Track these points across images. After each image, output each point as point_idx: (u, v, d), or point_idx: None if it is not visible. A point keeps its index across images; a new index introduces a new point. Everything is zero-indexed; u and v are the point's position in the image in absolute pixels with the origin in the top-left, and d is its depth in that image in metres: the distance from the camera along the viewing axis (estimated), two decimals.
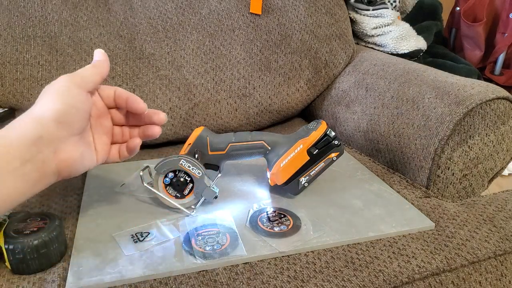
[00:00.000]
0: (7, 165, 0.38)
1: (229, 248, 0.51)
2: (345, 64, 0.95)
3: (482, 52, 1.63)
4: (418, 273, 0.50)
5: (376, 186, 0.67)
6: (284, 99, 0.91)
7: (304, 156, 0.60)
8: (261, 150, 0.62)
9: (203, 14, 0.85)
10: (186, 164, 0.57)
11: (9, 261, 0.46)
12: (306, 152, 0.60)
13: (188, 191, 0.58)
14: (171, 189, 0.58)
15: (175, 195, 0.58)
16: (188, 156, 0.58)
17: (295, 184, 0.61)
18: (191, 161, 0.57)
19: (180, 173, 0.58)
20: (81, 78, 0.47)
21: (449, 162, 0.66)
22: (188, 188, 0.58)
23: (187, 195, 0.58)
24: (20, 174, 0.40)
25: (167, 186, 0.58)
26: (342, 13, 0.96)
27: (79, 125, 0.46)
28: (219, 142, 0.61)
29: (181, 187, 0.58)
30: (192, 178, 0.58)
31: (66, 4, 0.77)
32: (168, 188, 0.58)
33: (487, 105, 0.66)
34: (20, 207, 0.60)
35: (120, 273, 0.47)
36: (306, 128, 0.63)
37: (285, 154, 0.61)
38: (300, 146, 0.60)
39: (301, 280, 0.47)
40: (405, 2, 1.20)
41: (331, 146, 0.61)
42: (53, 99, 0.43)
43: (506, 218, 0.61)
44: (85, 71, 0.49)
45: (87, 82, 0.48)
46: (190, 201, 0.58)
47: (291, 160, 0.60)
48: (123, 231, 0.54)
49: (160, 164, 0.57)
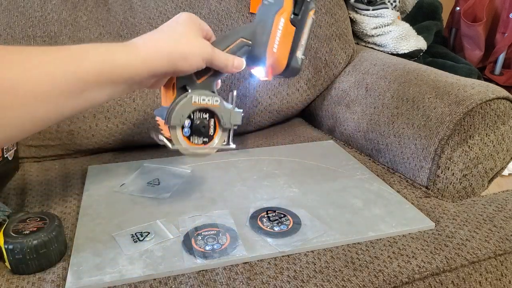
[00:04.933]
0: (129, 82, 0.45)
1: (229, 248, 0.51)
2: (345, 64, 0.95)
3: (482, 52, 1.63)
4: (418, 273, 0.50)
5: (376, 186, 0.66)
6: (284, 99, 0.91)
7: (290, 28, 0.54)
8: (244, 49, 0.54)
9: (203, 14, 0.85)
10: (200, 99, 0.48)
11: (8, 261, 0.46)
12: (290, 23, 0.54)
13: (213, 129, 0.50)
14: (196, 137, 0.50)
15: (202, 142, 0.50)
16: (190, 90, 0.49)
17: (295, 62, 0.56)
18: (201, 92, 0.48)
19: (196, 114, 0.49)
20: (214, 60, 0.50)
21: (449, 162, 0.66)
22: (211, 126, 0.50)
23: (214, 134, 0.50)
24: (132, 87, 0.47)
25: (190, 136, 0.49)
26: (342, 13, 0.96)
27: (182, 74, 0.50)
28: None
29: (206, 128, 0.50)
30: (212, 110, 0.49)
31: (65, 4, 0.77)
32: (193, 138, 0.49)
33: (487, 105, 0.66)
34: (19, 207, 0.60)
35: (120, 273, 0.47)
36: (269, 3, 0.55)
37: (271, 36, 0.54)
38: (281, 20, 0.54)
39: (301, 280, 0.47)
40: (405, 2, 1.20)
41: (306, 5, 0.55)
42: (190, 60, 0.48)
43: (506, 218, 0.61)
44: (220, 58, 0.51)
45: (213, 62, 0.50)
46: (221, 137, 0.51)
47: (281, 39, 0.54)
48: (123, 231, 0.54)
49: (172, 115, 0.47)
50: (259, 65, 0.56)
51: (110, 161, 0.75)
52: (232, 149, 0.52)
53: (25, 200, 0.62)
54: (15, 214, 0.51)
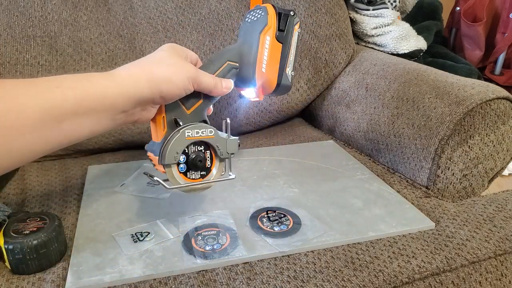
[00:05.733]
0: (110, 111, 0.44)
1: (229, 248, 0.51)
2: (345, 64, 0.95)
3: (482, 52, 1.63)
4: (418, 273, 0.50)
5: (376, 186, 0.66)
6: (284, 99, 0.91)
7: (276, 45, 0.53)
8: (232, 72, 0.53)
9: (203, 14, 0.85)
10: (193, 132, 0.46)
11: (8, 261, 0.46)
12: (276, 40, 0.53)
13: (210, 160, 0.48)
14: (192, 172, 0.48)
15: (200, 176, 0.48)
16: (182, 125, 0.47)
17: (285, 80, 0.55)
18: (194, 126, 0.46)
19: (190, 148, 0.47)
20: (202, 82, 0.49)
21: (449, 162, 0.66)
22: (208, 158, 0.48)
23: (211, 165, 0.48)
24: (115, 119, 0.46)
25: (187, 172, 0.47)
26: (342, 13, 0.96)
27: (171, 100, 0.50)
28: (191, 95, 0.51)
29: (202, 162, 0.47)
30: (207, 142, 0.47)
31: (66, 4, 0.77)
32: (189, 173, 0.47)
33: (487, 105, 0.66)
34: (19, 207, 0.60)
35: (120, 273, 0.47)
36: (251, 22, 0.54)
37: (258, 56, 0.52)
38: (267, 39, 0.52)
39: (301, 280, 0.47)
40: (405, 2, 1.20)
41: (291, 20, 0.54)
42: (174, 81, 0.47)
43: (506, 218, 0.61)
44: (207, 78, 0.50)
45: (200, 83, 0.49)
46: (219, 168, 0.49)
47: (269, 58, 0.53)
48: (123, 231, 0.54)
49: (165, 153, 0.46)
50: (249, 86, 0.55)
51: (110, 161, 0.75)
52: (232, 179, 0.50)
53: (25, 200, 0.62)
54: (15, 214, 0.51)
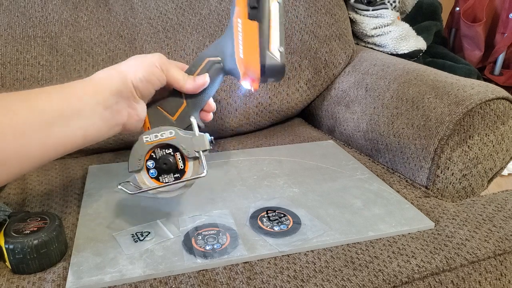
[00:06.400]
0: (95, 108, 0.46)
1: (229, 247, 0.51)
2: (345, 64, 0.95)
3: (482, 52, 1.63)
4: (417, 272, 0.50)
5: (376, 186, 0.67)
6: (284, 99, 0.91)
7: (251, 25, 0.47)
8: (215, 68, 0.50)
9: (203, 14, 0.86)
10: (151, 137, 0.46)
11: (9, 261, 0.46)
12: (249, 19, 0.47)
13: (182, 162, 0.47)
14: (165, 176, 0.47)
15: (175, 178, 0.47)
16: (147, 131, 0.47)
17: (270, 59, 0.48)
18: (152, 131, 0.47)
19: (157, 152, 0.47)
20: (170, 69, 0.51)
21: (448, 162, 0.66)
22: (179, 159, 0.47)
23: (185, 166, 0.47)
24: (103, 118, 0.47)
25: (159, 177, 0.47)
26: (342, 14, 0.96)
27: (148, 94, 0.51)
28: (172, 100, 0.50)
29: (169, 164, 0.47)
30: (171, 144, 0.46)
31: (66, 4, 0.77)
32: (162, 177, 0.47)
33: (487, 105, 0.66)
34: (20, 207, 0.60)
35: (120, 273, 0.47)
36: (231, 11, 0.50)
37: (235, 43, 0.48)
38: (239, 21, 0.47)
39: (301, 280, 0.47)
40: (405, 2, 1.20)
41: None
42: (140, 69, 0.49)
43: (506, 218, 0.61)
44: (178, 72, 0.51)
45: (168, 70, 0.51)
46: (194, 168, 0.48)
47: (244, 41, 0.48)
48: (123, 230, 0.54)
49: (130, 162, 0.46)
50: (237, 78, 0.52)
51: (110, 161, 0.75)
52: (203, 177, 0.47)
53: (26, 200, 0.62)
54: (16, 214, 0.51)
